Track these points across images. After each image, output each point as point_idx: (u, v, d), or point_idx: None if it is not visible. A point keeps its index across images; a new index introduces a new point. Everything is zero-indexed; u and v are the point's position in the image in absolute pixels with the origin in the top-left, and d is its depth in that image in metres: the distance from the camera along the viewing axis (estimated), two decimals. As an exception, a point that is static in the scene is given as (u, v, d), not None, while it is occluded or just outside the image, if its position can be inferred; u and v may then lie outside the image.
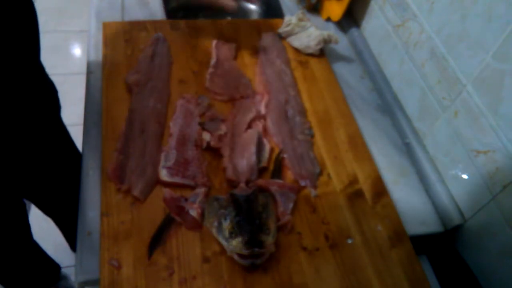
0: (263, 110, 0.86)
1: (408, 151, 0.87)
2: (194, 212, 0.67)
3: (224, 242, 0.63)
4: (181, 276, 0.63)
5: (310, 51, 0.99)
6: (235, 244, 0.61)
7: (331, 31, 1.04)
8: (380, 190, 0.78)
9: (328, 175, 0.79)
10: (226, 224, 0.64)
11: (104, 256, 0.63)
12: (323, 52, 1.01)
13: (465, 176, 0.74)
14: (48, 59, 1.98)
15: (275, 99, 0.88)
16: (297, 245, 0.69)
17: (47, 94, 0.91)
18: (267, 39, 1.00)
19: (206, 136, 0.79)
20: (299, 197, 0.74)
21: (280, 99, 0.88)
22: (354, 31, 1.08)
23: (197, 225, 0.68)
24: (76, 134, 1.02)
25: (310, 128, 0.86)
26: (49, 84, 0.91)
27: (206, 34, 1.01)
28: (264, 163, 0.77)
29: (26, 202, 1.40)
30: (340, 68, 1.01)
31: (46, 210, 1.23)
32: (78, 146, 0.83)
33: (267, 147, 0.79)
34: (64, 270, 1.38)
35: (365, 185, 0.78)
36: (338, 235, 0.71)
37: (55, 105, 0.96)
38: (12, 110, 0.74)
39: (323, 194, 0.76)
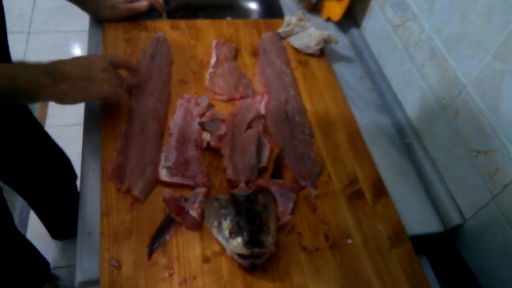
0: (263, 110, 0.86)
1: (408, 151, 0.87)
2: (194, 212, 0.67)
3: (224, 242, 0.63)
4: (181, 276, 0.63)
5: (310, 51, 0.99)
6: (235, 244, 0.61)
7: (331, 31, 1.04)
8: (380, 190, 0.78)
9: (328, 175, 0.79)
10: (226, 224, 0.64)
11: (104, 256, 0.63)
12: (323, 52, 1.01)
13: (465, 176, 0.74)
14: (48, 59, 1.99)
15: (275, 99, 0.88)
16: (297, 245, 0.69)
17: None
18: (267, 39, 1.00)
19: (206, 136, 0.79)
20: (299, 197, 0.74)
21: (280, 99, 0.88)
22: (354, 31, 1.08)
23: (197, 225, 0.68)
24: (76, 134, 1.02)
25: (310, 128, 0.86)
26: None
27: (206, 34, 1.01)
28: (264, 163, 0.77)
29: (25, 204, 1.40)
30: (340, 68, 1.01)
31: (22, 193, 1.23)
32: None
33: (267, 147, 0.79)
34: (58, 271, 1.38)
35: (365, 185, 0.78)
36: (338, 235, 0.71)
37: None
38: None
39: (323, 194, 0.76)
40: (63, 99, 0.68)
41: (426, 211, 0.79)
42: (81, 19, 1.17)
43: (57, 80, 0.66)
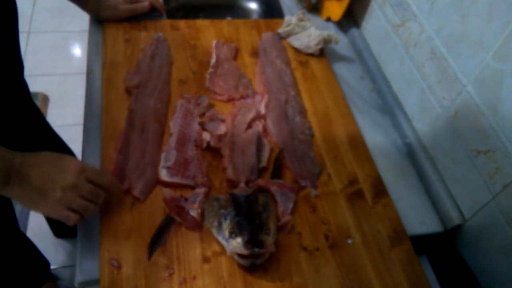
0: (263, 110, 0.86)
1: (408, 151, 0.87)
2: (194, 212, 0.68)
3: (224, 242, 0.63)
4: (181, 276, 0.63)
5: (310, 51, 0.99)
6: (235, 244, 0.61)
7: (331, 31, 1.04)
8: (380, 190, 0.78)
9: (328, 175, 0.79)
10: (226, 224, 0.64)
11: (104, 256, 0.63)
12: (323, 52, 1.01)
13: (465, 176, 0.74)
14: (48, 59, 1.99)
15: (275, 99, 0.88)
16: (297, 245, 0.69)
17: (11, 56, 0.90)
18: (267, 39, 1.00)
19: (206, 136, 0.79)
20: (299, 197, 0.74)
21: (280, 99, 0.88)
22: (354, 31, 1.08)
23: (197, 225, 0.68)
24: (76, 134, 1.02)
25: (310, 128, 0.86)
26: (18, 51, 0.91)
27: (206, 34, 1.01)
28: (264, 163, 0.77)
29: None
30: (340, 68, 1.01)
31: None
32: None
33: (267, 147, 0.79)
34: (58, 271, 1.38)
35: (365, 185, 0.78)
36: (338, 235, 0.71)
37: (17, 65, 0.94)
38: None
39: (323, 194, 0.76)
40: (15, 200, 0.61)
41: (426, 211, 0.79)
42: (81, 19, 1.17)
43: (10, 182, 0.58)
